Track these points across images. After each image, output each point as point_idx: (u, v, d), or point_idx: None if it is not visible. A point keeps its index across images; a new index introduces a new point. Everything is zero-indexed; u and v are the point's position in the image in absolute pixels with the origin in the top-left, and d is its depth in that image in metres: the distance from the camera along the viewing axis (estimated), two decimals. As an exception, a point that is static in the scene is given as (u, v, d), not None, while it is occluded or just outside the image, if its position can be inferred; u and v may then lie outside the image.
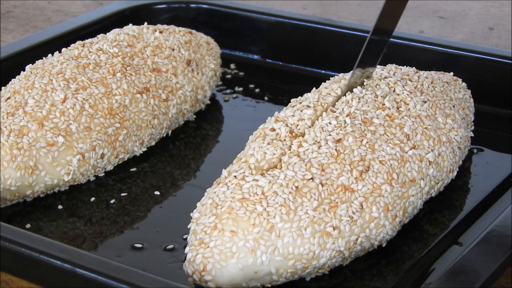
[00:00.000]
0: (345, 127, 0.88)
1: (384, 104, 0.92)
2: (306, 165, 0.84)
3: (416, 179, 0.88)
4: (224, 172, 0.86)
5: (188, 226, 0.84)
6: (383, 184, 0.85)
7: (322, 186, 0.83)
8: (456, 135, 0.94)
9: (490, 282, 0.77)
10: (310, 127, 0.89)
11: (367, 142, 0.87)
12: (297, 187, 0.82)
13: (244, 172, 0.84)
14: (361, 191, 0.84)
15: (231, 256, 0.79)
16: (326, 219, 0.81)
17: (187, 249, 0.82)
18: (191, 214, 0.84)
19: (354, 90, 0.93)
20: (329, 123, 0.88)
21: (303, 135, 0.88)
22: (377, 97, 0.92)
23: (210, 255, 0.79)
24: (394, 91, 0.94)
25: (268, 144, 0.87)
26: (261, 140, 0.88)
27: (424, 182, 0.89)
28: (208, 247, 0.79)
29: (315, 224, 0.81)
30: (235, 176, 0.84)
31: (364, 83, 0.95)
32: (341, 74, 0.99)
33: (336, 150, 0.85)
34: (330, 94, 0.93)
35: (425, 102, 0.94)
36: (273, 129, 0.89)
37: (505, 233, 0.83)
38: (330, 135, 0.87)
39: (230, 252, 0.79)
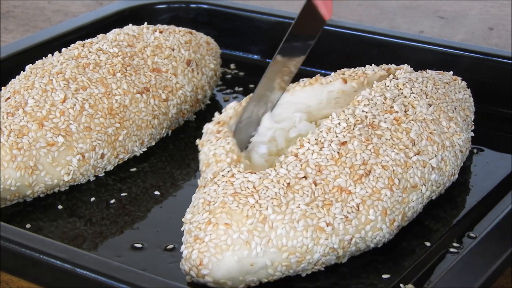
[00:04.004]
0: (353, 129, 0.87)
1: (392, 107, 0.91)
2: (302, 165, 0.84)
3: (418, 185, 0.88)
4: (209, 175, 0.86)
5: (182, 229, 0.84)
6: (383, 189, 0.85)
7: (316, 185, 0.83)
8: (458, 139, 0.94)
9: (490, 282, 0.77)
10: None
11: (372, 146, 0.87)
12: (288, 183, 0.82)
13: (231, 170, 0.85)
14: (358, 193, 0.84)
15: (227, 248, 0.79)
16: (319, 215, 0.81)
17: (182, 248, 0.82)
18: (182, 219, 0.85)
19: (363, 92, 0.92)
20: (339, 124, 0.88)
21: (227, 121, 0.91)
22: (386, 100, 0.92)
23: (206, 249, 0.79)
24: (402, 93, 0.94)
25: (217, 140, 0.89)
26: (208, 142, 0.90)
27: (425, 188, 0.89)
28: (203, 242, 0.80)
29: (308, 218, 0.81)
30: (223, 175, 0.84)
31: (374, 85, 0.95)
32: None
33: (338, 153, 0.85)
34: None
35: (430, 105, 0.94)
36: (205, 132, 0.92)
37: (505, 233, 0.83)
38: (336, 136, 0.87)
39: (225, 245, 0.79)
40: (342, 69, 1.00)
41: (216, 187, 0.84)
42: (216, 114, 0.94)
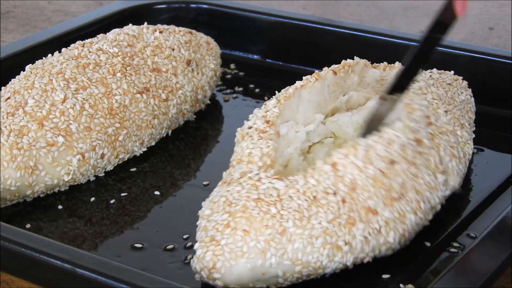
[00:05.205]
0: (405, 149, 0.83)
1: (428, 117, 0.87)
2: (335, 178, 0.81)
3: (436, 206, 0.86)
4: (236, 173, 0.85)
5: (197, 223, 0.83)
6: (408, 213, 0.83)
7: (344, 202, 0.80)
8: (469, 148, 0.93)
9: (490, 282, 0.77)
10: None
11: (414, 168, 0.83)
12: (315, 197, 0.80)
13: (258, 174, 0.83)
14: (385, 216, 0.81)
15: (242, 255, 0.78)
16: (340, 233, 0.80)
17: (196, 245, 0.81)
18: (199, 212, 0.84)
19: (416, 99, 0.89)
20: (398, 136, 0.84)
21: (275, 122, 0.89)
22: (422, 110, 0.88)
23: (221, 253, 0.78)
24: (426, 99, 0.91)
25: (258, 139, 0.87)
26: (249, 138, 0.88)
27: (440, 205, 0.87)
28: (219, 244, 0.79)
29: (327, 235, 0.79)
30: (250, 177, 0.83)
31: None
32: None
33: (382, 172, 0.81)
34: (291, 86, 0.94)
35: (446, 112, 0.91)
36: (250, 127, 0.89)
37: (505, 233, 0.83)
38: (388, 151, 0.82)
39: (240, 251, 0.78)
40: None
41: (240, 188, 0.82)
42: (257, 110, 0.92)
